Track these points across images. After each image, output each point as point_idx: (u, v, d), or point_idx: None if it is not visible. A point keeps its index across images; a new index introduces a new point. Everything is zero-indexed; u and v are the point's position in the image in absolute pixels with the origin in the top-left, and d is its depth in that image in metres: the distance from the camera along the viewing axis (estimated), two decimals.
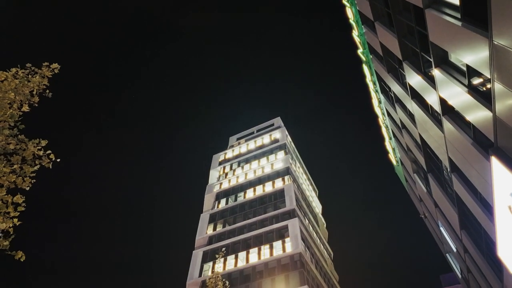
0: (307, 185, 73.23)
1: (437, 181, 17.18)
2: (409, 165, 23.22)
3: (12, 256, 6.36)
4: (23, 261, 6.58)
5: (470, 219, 13.88)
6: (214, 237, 52.51)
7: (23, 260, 6.51)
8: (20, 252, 6.42)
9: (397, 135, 23.86)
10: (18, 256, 6.38)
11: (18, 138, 6.85)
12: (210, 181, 67.45)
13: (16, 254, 6.35)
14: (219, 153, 74.36)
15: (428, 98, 13.39)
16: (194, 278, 46.01)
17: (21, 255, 6.40)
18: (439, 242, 25.32)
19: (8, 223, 6.30)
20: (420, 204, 26.18)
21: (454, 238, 18.05)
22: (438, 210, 19.35)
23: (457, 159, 12.36)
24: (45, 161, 7.16)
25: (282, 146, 65.99)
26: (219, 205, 59.01)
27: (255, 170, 62.69)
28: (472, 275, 17.73)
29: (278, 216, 49.78)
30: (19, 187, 6.83)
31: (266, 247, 45.67)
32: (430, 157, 17.10)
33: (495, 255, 11.97)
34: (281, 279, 40.63)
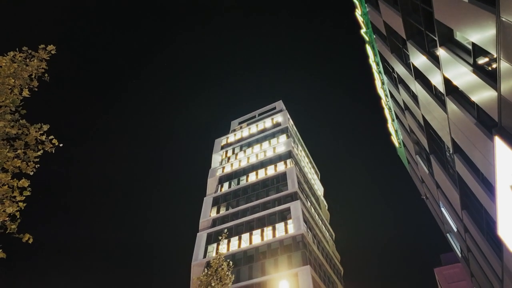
0: (309, 168, 73.58)
1: (439, 162, 17.18)
2: (411, 146, 23.18)
3: (20, 238, 6.48)
4: (31, 243, 6.72)
5: (471, 199, 13.97)
6: (217, 219, 53.38)
7: (31, 242, 6.65)
8: (27, 234, 6.55)
9: (400, 116, 23.69)
10: (26, 238, 6.51)
11: (20, 123, 6.86)
12: (212, 165, 67.91)
13: (24, 237, 6.48)
14: (221, 137, 74.44)
15: (432, 79, 13.19)
16: (199, 259, 47.15)
17: (28, 237, 6.54)
18: (440, 222, 25.61)
19: (14, 207, 6.40)
20: (421, 185, 26.32)
21: (455, 218, 18.24)
22: (440, 191, 19.46)
23: (460, 140, 12.30)
24: (48, 146, 7.19)
25: (284, 130, 65.88)
26: (222, 188, 59.63)
27: (257, 154, 62.91)
28: (472, 254, 18.01)
29: (281, 198, 50.34)
30: (23, 171, 6.90)
31: (268, 228, 46.46)
32: (432, 139, 17.04)
33: (495, 234, 12.11)
34: (284, 259, 41.55)
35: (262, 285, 39.85)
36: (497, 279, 14.73)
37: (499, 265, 13.35)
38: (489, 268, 15.28)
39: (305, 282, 37.54)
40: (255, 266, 42.86)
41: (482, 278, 18.07)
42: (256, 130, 70.78)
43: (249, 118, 79.11)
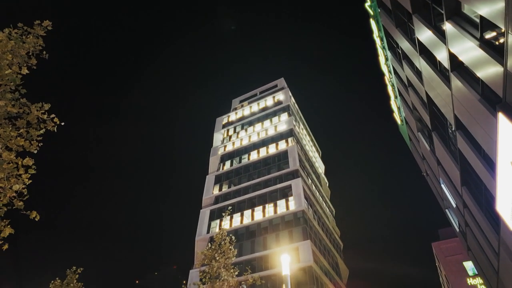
0: (311, 146, 73.75)
1: (441, 139, 17.18)
2: (413, 124, 23.08)
3: (27, 215, 6.62)
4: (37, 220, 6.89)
5: (471, 176, 14.08)
6: (220, 196, 54.29)
7: (38, 219, 6.80)
8: (34, 212, 6.69)
9: (403, 93, 23.43)
10: (33, 215, 6.66)
11: (21, 102, 6.83)
12: (214, 144, 68.13)
13: (31, 214, 6.62)
14: (223, 116, 74.16)
15: (437, 54, 12.91)
16: (203, 234, 48.44)
17: (35, 215, 6.68)
18: (439, 198, 25.97)
19: (20, 184, 6.50)
20: (422, 162, 26.47)
21: (454, 194, 18.47)
22: (440, 168, 19.59)
23: (463, 116, 12.23)
24: (50, 125, 7.20)
25: (286, 108, 65.43)
26: (224, 167, 60.17)
27: (259, 133, 62.90)
28: (470, 229, 18.39)
29: (282, 176, 50.88)
30: (27, 150, 6.95)
31: (270, 205, 47.32)
32: (435, 115, 16.93)
33: (493, 209, 12.30)
34: (285, 235, 42.63)
35: (264, 259, 41.15)
36: (493, 252, 15.13)
37: (496, 239, 13.67)
38: (486, 242, 15.66)
39: (305, 255, 38.69)
40: (257, 241, 44.07)
41: (479, 252, 18.56)
42: (258, 108, 70.34)
43: (250, 96, 78.38)
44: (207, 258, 14.94)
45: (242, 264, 38.67)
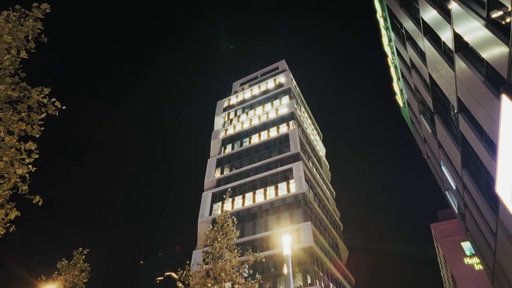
0: (312, 129, 73.61)
1: (443, 122, 17.10)
2: (416, 106, 22.92)
3: (31, 200, 6.73)
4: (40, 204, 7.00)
5: (472, 158, 14.12)
6: (221, 180, 54.78)
7: (41, 204, 6.91)
8: (37, 196, 6.78)
9: (406, 75, 23.13)
10: (36, 200, 6.76)
11: (21, 86, 6.80)
12: (215, 128, 68.06)
13: (35, 198, 6.72)
14: (223, 99, 73.66)
15: (441, 34, 12.65)
16: (205, 216, 49.26)
17: (38, 199, 6.78)
18: (439, 180, 26.15)
19: (24, 169, 6.57)
20: (424, 145, 26.47)
21: (454, 176, 18.58)
22: (442, 150, 19.61)
23: (466, 98, 12.12)
24: (51, 109, 7.19)
25: (287, 91, 64.85)
26: (225, 150, 60.37)
27: (260, 116, 62.66)
28: (469, 210, 18.62)
29: (283, 159, 51.11)
30: (29, 134, 6.97)
31: (271, 188, 47.81)
32: (438, 98, 16.78)
33: (493, 191, 12.41)
34: (286, 216, 43.30)
35: (265, 240, 41.99)
36: (491, 233, 15.38)
37: (494, 220, 13.86)
38: (484, 223, 15.89)
39: (306, 236, 39.44)
40: (259, 223, 44.84)
41: (477, 232, 18.86)
42: (259, 91, 69.74)
43: (251, 79, 77.51)
44: (209, 239, 15.26)
45: (244, 244, 39.50)
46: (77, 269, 18.19)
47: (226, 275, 13.84)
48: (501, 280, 17.55)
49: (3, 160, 6.28)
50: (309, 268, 36.90)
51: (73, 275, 17.88)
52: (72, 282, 17.81)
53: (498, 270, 17.24)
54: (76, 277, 17.97)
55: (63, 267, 18.01)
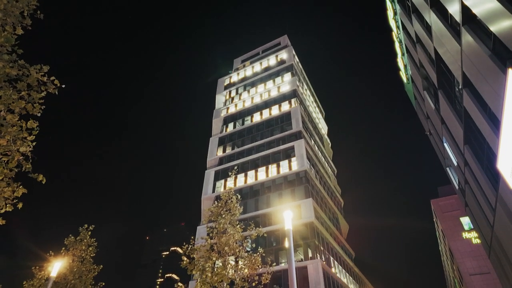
0: (314, 107, 73.03)
1: (446, 98, 16.89)
2: (419, 82, 22.56)
3: (35, 178, 6.80)
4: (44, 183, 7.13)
5: (475, 134, 14.06)
6: (224, 158, 55.17)
7: (44, 182, 7.00)
8: (41, 175, 6.86)
9: (411, 50, 22.59)
10: (40, 178, 6.85)
11: (19, 63, 6.72)
12: (217, 106, 67.62)
13: (38, 177, 6.81)
14: (224, 77, 72.66)
15: (449, 7, 12.22)
16: (208, 194, 50.09)
17: (42, 178, 6.87)
18: (441, 157, 26.20)
19: (26, 147, 6.61)
20: (426, 122, 26.31)
21: (456, 152, 18.59)
22: (444, 127, 19.50)
23: (471, 73, 11.89)
24: (51, 87, 7.14)
25: (289, 68, 63.76)
26: (227, 129, 60.32)
27: (262, 94, 62.02)
28: (469, 186, 18.78)
29: (285, 137, 51.14)
30: (30, 113, 6.97)
31: (273, 166, 48.19)
32: (442, 73, 16.48)
33: (494, 167, 12.45)
34: (288, 193, 43.95)
35: (267, 216, 42.88)
36: (490, 208, 15.59)
37: (494, 195, 14.01)
38: (484, 198, 16.07)
39: (307, 212, 40.19)
40: (261, 200, 45.61)
41: (476, 207, 19.13)
42: (260, 68, 68.61)
43: (252, 55, 76.01)
44: (213, 215, 15.60)
45: (247, 220, 40.39)
46: (84, 244, 18.80)
47: (230, 249, 14.26)
48: (498, 252, 17.99)
49: (5, 138, 6.32)
50: (310, 242, 37.88)
51: (80, 250, 18.51)
52: (80, 256, 18.45)
53: (495, 243, 17.64)
54: (84, 251, 18.60)
55: (70, 243, 18.60)
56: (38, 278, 17.01)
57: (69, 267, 17.51)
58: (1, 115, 6.42)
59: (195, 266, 13.74)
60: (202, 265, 13.58)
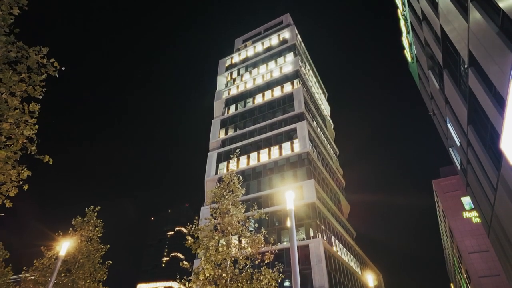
0: (317, 88, 72.21)
1: (451, 77, 16.63)
2: (424, 61, 22.14)
3: (41, 160, 6.87)
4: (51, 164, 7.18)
5: (479, 114, 13.93)
6: (226, 140, 55.28)
7: (51, 163, 7.07)
8: (47, 156, 6.92)
9: (416, 28, 22.03)
10: (46, 159, 6.91)
11: (18, 45, 6.64)
12: (218, 88, 67.02)
13: (44, 158, 6.87)
14: (226, 58, 71.57)
15: None
16: (211, 175, 50.59)
17: (48, 159, 6.93)
18: (444, 137, 26.10)
19: (30, 130, 6.64)
20: (430, 102, 26.03)
21: (459, 133, 18.50)
22: (448, 107, 19.31)
23: (478, 52, 11.63)
24: (51, 70, 7.09)
25: (292, 47, 62.57)
26: (229, 111, 60.05)
27: (263, 75, 61.24)
28: (471, 166, 18.81)
29: (287, 119, 50.94)
30: (32, 96, 6.96)
31: (275, 148, 48.31)
32: (448, 52, 16.13)
33: (497, 147, 12.40)
34: (290, 175, 44.29)
35: (269, 197, 43.43)
36: (491, 187, 15.67)
37: (496, 175, 14.04)
38: (486, 178, 16.13)
39: (309, 193, 40.65)
40: (263, 181, 46.05)
41: (477, 188, 19.24)
42: (262, 48, 67.39)
43: (254, 35, 74.48)
44: (216, 196, 15.83)
45: (249, 201, 40.96)
46: (91, 224, 19.24)
47: (233, 229, 14.56)
48: (497, 231, 18.25)
49: (8, 122, 6.34)
50: (312, 222, 38.53)
51: (88, 230, 18.97)
52: (88, 236, 18.93)
53: (495, 222, 17.87)
54: (91, 232, 19.07)
55: (78, 223, 19.04)
56: (48, 257, 17.55)
57: (77, 247, 18.02)
58: (2, 98, 6.41)
59: (200, 245, 14.08)
60: (206, 244, 13.91)
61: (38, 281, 16.90)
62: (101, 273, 18.48)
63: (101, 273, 18.46)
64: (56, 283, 16.70)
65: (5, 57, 6.50)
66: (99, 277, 18.38)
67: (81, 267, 17.66)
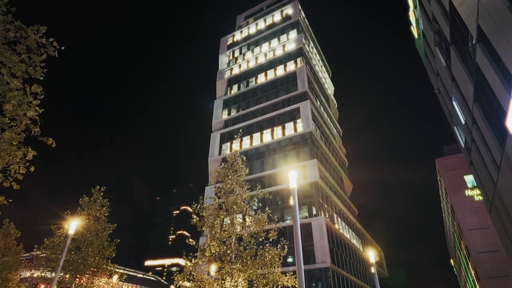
0: (320, 66, 70.96)
1: (458, 53, 16.22)
2: (431, 37, 21.54)
3: (44, 142, 6.91)
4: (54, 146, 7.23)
5: (485, 91, 13.69)
6: (229, 120, 55.15)
7: (54, 146, 7.11)
8: (50, 139, 6.96)
9: (424, 2, 21.27)
10: (49, 142, 6.95)
11: (15, 24, 6.53)
12: (220, 67, 66.09)
13: (48, 140, 6.91)
14: (227, 36, 70.09)
15: None
16: (215, 156, 50.92)
17: (51, 141, 6.97)
18: (449, 116, 25.83)
19: (33, 111, 6.65)
20: (436, 79, 25.57)
21: (465, 111, 18.29)
22: (454, 84, 18.98)
23: (487, 26, 11.26)
24: (50, 50, 7.00)
25: (295, 24, 60.98)
26: (231, 91, 59.51)
27: (266, 53, 60.11)
28: (475, 145, 18.72)
29: (290, 99, 50.47)
30: (32, 77, 6.91)
31: (278, 128, 48.21)
32: (456, 27, 15.64)
33: (502, 125, 12.27)
34: (293, 155, 44.46)
35: (272, 176, 43.84)
36: (495, 165, 15.66)
37: (500, 153, 13.98)
38: (489, 156, 16.08)
39: (312, 172, 40.95)
40: (266, 161, 46.33)
41: (480, 166, 19.23)
42: (264, 25, 65.75)
43: (256, 11, 72.48)
44: (220, 175, 16.00)
45: (253, 181, 41.42)
46: (98, 204, 19.66)
47: (237, 207, 14.81)
48: (499, 208, 18.41)
49: (11, 103, 6.35)
50: (314, 201, 39.05)
51: (95, 210, 19.42)
52: (95, 216, 19.40)
53: (497, 200, 17.99)
54: (98, 211, 19.53)
55: (85, 203, 19.46)
56: (58, 235, 18.08)
57: (85, 226, 18.51)
58: (4, 79, 6.38)
59: (205, 223, 14.40)
60: (211, 222, 14.21)
61: (50, 258, 17.50)
62: (110, 250, 19.09)
63: (109, 251, 19.07)
64: (67, 260, 17.30)
65: (3, 37, 6.41)
66: (108, 254, 19.00)
67: (90, 245, 18.22)
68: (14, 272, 21.73)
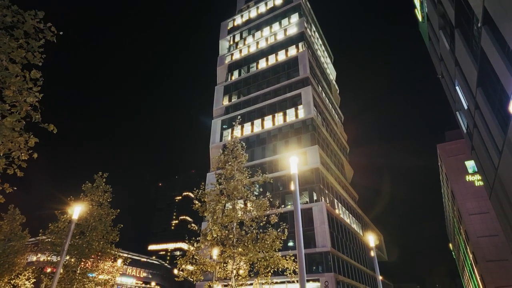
0: (322, 51, 69.95)
1: (463, 37, 15.93)
2: (436, 20, 21.11)
3: (46, 128, 6.90)
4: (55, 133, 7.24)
5: (489, 76, 13.53)
6: (230, 107, 54.92)
7: (55, 132, 7.10)
8: (52, 125, 6.95)
9: None
10: (51, 128, 6.95)
11: (12, 9, 6.43)
12: (220, 52, 65.25)
13: (49, 127, 6.90)
14: (227, 20, 68.87)
15: None
16: (216, 142, 51.02)
17: (53, 128, 6.96)
18: (451, 101, 25.62)
19: (33, 97, 6.62)
20: (439, 64, 25.22)
21: (468, 96, 18.12)
22: (458, 69, 18.74)
23: (493, 9, 11.01)
24: (48, 35, 6.91)
25: (297, 7, 59.74)
26: (232, 77, 58.97)
27: (267, 38, 59.18)
28: (477, 130, 18.64)
29: (292, 85, 50.03)
30: (31, 62, 6.85)
31: (279, 114, 48.02)
32: (461, 10, 15.30)
33: (505, 110, 12.18)
34: (294, 141, 44.47)
35: (273, 163, 44.01)
36: (497, 151, 15.64)
37: (502, 138, 13.94)
38: (491, 141, 16.04)
39: (313, 158, 41.07)
40: (267, 147, 46.40)
41: (482, 151, 19.22)
42: (265, 9, 64.47)
43: None
44: (221, 162, 16.07)
45: (254, 167, 41.60)
46: (100, 190, 19.88)
47: (238, 193, 14.95)
48: (499, 193, 18.51)
49: (11, 89, 6.32)
50: (315, 186, 39.33)
51: (97, 196, 19.65)
52: (98, 201, 19.65)
53: (498, 185, 18.06)
54: (101, 197, 19.77)
55: (87, 189, 19.68)
56: (62, 220, 18.38)
57: (89, 211, 18.78)
58: (3, 64, 6.33)
59: (206, 209, 14.58)
60: (213, 208, 14.39)
61: (55, 243, 17.85)
62: (113, 235, 19.44)
63: (113, 235, 19.42)
64: (72, 244, 17.65)
65: (1, 22, 6.32)
66: (112, 238, 19.36)
67: (94, 230, 18.54)
68: (20, 256, 22.21)
